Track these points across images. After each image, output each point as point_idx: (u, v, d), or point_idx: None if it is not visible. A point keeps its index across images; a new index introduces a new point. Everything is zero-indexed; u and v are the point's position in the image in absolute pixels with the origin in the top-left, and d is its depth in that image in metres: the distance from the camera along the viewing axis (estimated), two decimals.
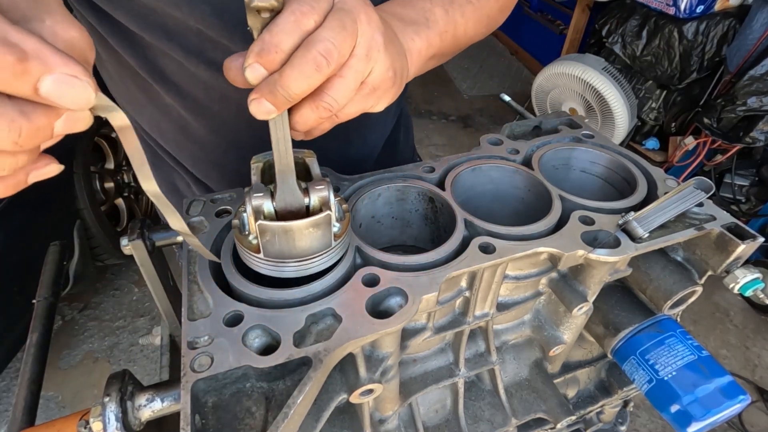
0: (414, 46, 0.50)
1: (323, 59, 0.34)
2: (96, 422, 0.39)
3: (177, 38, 0.54)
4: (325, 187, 0.40)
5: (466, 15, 0.58)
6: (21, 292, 1.55)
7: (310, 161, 0.43)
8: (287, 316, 0.39)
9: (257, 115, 0.35)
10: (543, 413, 0.59)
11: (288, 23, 0.33)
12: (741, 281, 0.52)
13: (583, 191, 0.58)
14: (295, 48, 0.34)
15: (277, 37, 0.33)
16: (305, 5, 0.33)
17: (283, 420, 0.34)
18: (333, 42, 0.34)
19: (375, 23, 0.38)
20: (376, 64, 0.39)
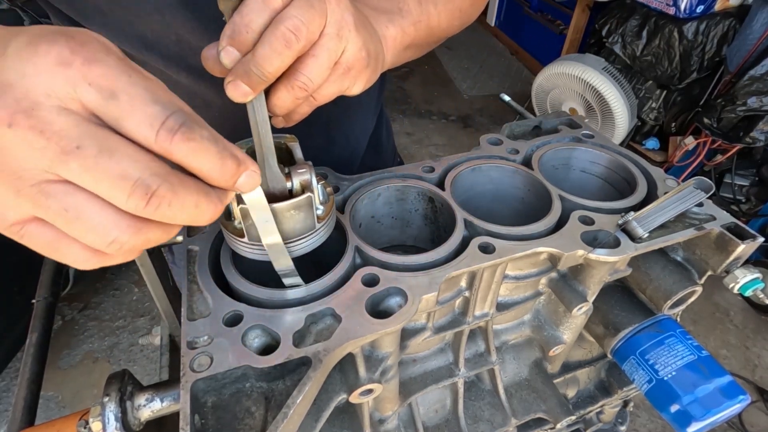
0: (389, 33, 0.51)
1: (292, 35, 0.34)
2: (95, 422, 0.39)
3: (156, 47, 0.53)
4: (306, 170, 0.40)
5: (439, 7, 0.59)
6: (21, 292, 1.55)
7: (292, 146, 0.43)
8: (287, 316, 0.39)
9: (234, 98, 0.35)
10: (543, 413, 0.59)
11: (256, 3, 0.33)
12: (741, 281, 0.52)
13: (583, 191, 0.58)
14: (265, 27, 0.34)
15: (247, 17, 0.33)
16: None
17: (282, 420, 0.34)
18: (300, 18, 0.34)
19: (344, 4, 0.39)
20: (348, 44, 0.40)
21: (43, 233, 0.27)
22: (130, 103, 0.26)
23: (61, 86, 0.25)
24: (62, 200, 0.26)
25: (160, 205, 0.27)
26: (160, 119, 0.26)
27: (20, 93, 0.25)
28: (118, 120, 0.26)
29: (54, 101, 0.25)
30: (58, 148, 0.25)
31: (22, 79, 0.25)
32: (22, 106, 0.24)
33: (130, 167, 0.26)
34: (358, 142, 0.78)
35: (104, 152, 0.25)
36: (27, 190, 0.26)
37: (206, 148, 0.28)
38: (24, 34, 0.26)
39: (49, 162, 0.25)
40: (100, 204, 0.26)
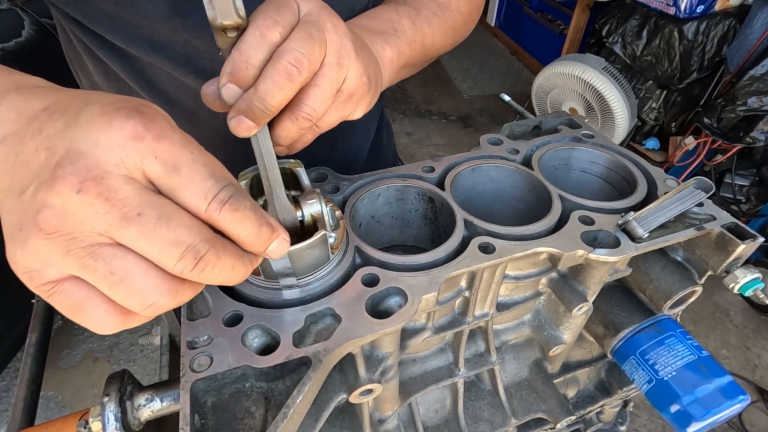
0: (385, 54, 0.51)
1: (294, 68, 0.35)
2: (95, 422, 0.39)
3: (164, 50, 0.54)
4: (316, 200, 0.40)
5: (433, 26, 0.59)
6: (20, 291, 1.55)
7: (298, 171, 0.44)
8: (287, 316, 0.39)
9: (238, 133, 0.35)
10: (543, 413, 0.59)
11: (254, 38, 0.34)
12: (741, 281, 0.52)
13: (583, 191, 0.58)
14: (265, 62, 0.35)
15: (246, 53, 0.34)
16: (268, 19, 0.34)
17: (282, 420, 0.34)
18: (301, 51, 0.35)
19: (342, 31, 0.39)
20: (349, 71, 0.40)
21: (74, 293, 0.29)
22: (189, 176, 0.28)
23: (131, 158, 0.27)
24: (110, 263, 0.27)
25: (204, 268, 0.29)
26: (213, 192, 0.29)
27: (92, 162, 0.26)
28: (176, 190, 0.28)
29: (122, 170, 0.27)
30: (120, 214, 0.27)
31: (95, 148, 0.27)
32: (92, 174, 0.26)
33: (184, 234, 0.28)
34: (360, 149, 0.78)
35: (162, 219, 0.27)
36: (77, 251, 0.27)
37: (248, 217, 0.30)
38: (95, 104, 0.28)
39: (107, 226, 0.27)
40: (145, 267, 0.28)
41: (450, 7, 0.62)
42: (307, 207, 0.40)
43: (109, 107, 0.28)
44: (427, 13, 0.59)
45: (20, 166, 0.28)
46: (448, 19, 0.62)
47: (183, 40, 0.53)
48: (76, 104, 0.28)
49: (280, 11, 0.35)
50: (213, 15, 0.32)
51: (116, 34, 0.52)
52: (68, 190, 0.26)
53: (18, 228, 0.27)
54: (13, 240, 0.27)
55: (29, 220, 0.26)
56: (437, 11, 0.60)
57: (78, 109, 0.28)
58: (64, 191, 0.26)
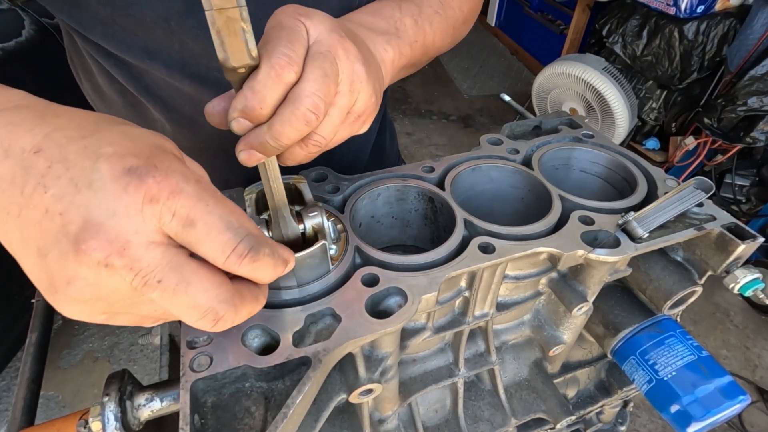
0: (387, 56, 0.51)
1: (312, 114, 0.34)
2: (95, 422, 0.39)
3: (158, 56, 0.53)
4: (317, 213, 0.41)
5: (434, 25, 0.59)
6: (20, 291, 1.55)
7: (301, 186, 0.44)
8: (286, 316, 0.39)
9: (247, 164, 0.36)
10: (543, 413, 0.59)
11: (269, 79, 0.33)
12: (741, 281, 0.52)
13: (583, 191, 0.58)
14: (279, 101, 0.34)
15: (260, 93, 0.33)
16: (282, 57, 0.33)
17: (282, 420, 0.34)
18: (319, 95, 0.34)
19: (353, 55, 0.38)
20: (360, 94, 0.40)
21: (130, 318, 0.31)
22: (205, 231, 0.28)
23: (149, 221, 0.27)
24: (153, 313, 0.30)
25: (224, 324, 0.31)
26: (231, 246, 0.29)
27: (112, 233, 0.26)
28: (193, 245, 0.29)
29: (142, 237, 0.27)
30: (143, 281, 0.27)
31: (113, 218, 0.26)
32: (115, 247, 0.26)
33: (202, 298, 0.29)
34: (360, 150, 0.78)
35: (181, 285, 0.28)
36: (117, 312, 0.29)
37: (266, 264, 0.31)
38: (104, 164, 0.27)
39: (134, 292, 0.28)
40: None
41: (452, 5, 0.62)
42: (309, 220, 0.41)
43: (120, 168, 0.27)
44: (429, 11, 0.58)
45: (29, 223, 0.27)
46: (449, 17, 0.61)
47: (178, 44, 0.53)
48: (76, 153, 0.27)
49: (293, 44, 0.34)
50: (224, 57, 0.32)
51: (111, 41, 0.52)
52: (96, 264, 0.26)
53: (52, 290, 0.28)
54: (51, 297, 0.28)
55: (62, 288, 0.27)
56: (439, 9, 0.60)
57: (83, 166, 0.27)
58: (92, 265, 0.26)
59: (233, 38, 0.31)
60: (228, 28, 0.30)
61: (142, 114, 0.62)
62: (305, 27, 0.36)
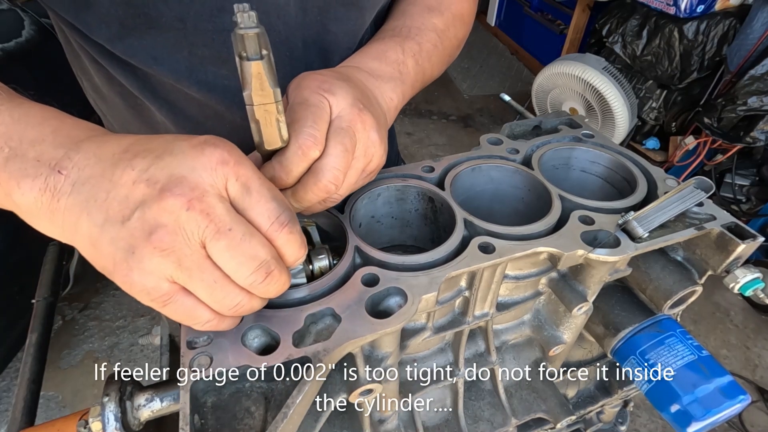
0: (392, 104, 0.54)
1: (333, 185, 0.40)
2: (95, 422, 0.39)
3: (166, 61, 0.53)
4: (325, 256, 0.45)
5: (433, 60, 0.61)
6: (21, 292, 1.55)
7: (311, 229, 0.47)
8: (286, 316, 0.39)
9: None
10: (543, 413, 0.59)
11: (296, 156, 0.39)
12: (741, 281, 0.52)
13: (583, 191, 0.58)
14: (303, 173, 0.40)
15: (287, 168, 0.39)
16: (309, 139, 0.38)
17: (282, 420, 0.34)
18: (338, 168, 0.40)
19: (370, 125, 0.43)
20: (374, 157, 0.45)
21: (185, 302, 0.33)
22: (258, 198, 0.34)
23: (220, 179, 0.32)
24: (213, 273, 0.32)
25: (270, 282, 0.34)
26: (276, 214, 0.34)
27: (193, 183, 0.31)
28: (246, 209, 0.33)
29: (216, 190, 0.32)
30: (215, 228, 0.31)
31: (193, 172, 0.32)
32: (195, 194, 0.31)
33: (261, 251, 0.33)
34: None
35: (246, 236, 0.32)
36: (189, 264, 0.32)
37: (297, 240, 0.36)
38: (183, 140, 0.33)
39: (205, 239, 0.31)
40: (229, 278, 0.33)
41: (448, 35, 0.64)
42: (317, 262, 0.44)
43: (196, 141, 0.33)
44: (428, 47, 0.60)
45: (115, 200, 0.31)
46: (446, 47, 0.64)
47: (188, 50, 0.52)
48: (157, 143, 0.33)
49: (317, 124, 0.39)
50: (259, 142, 0.37)
51: (117, 44, 0.51)
52: (179, 207, 0.30)
53: (130, 252, 0.31)
54: (127, 263, 0.31)
55: (142, 242, 0.30)
56: (437, 42, 0.62)
57: (164, 147, 0.33)
58: (175, 209, 0.30)
59: (269, 128, 0.36)
60: (266, 119, 0.36)
61: (144, 116, 0.62)
62: (329, 103, 0.41)
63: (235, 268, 0.32)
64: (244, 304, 0.34)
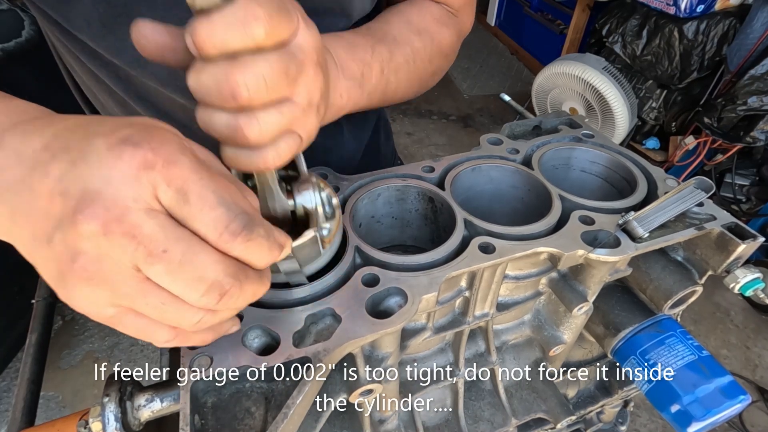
0: (340, 102, 0.50)
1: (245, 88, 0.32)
2: (95, 422, 0.39)
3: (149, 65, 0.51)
4: (310, 191, 0.38)
5: (400, 75, 0.58)
6: (21, 292, 1.55)
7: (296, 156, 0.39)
8: (287, 316, 0.39)
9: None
10: (543, 413, 0.59)
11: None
12: (741, 281, 0.52)
13: (583, 191, 0.58)
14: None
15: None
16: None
17: (282, 420, 0.34)
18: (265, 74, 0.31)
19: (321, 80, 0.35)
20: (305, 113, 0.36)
21: (136, 322, 0.30)
22: (199, 205, 0.27)
23: (145, 189, 0.26)
24: (158, 296, 0.28)
25: (228, 301, 0.29)
26: (224, 223, 0.28)
27: (109, 200, 0.26)
28: (187, 220, 0.28)
29: (141, 204, 0.26)
30: (147, 251, 0.26)
31: (109, 186, 0.26)
32: (113, 213, 0.25)
33: (209, 270, 0.28)
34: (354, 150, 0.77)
35: (187, 256, 0.27)
36: (124, 293, 0.27)
37: (260, 245, 0.30)
38: (99, 137, 0.27)
39: (136, 263, 0.26)
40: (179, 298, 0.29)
41: (422, 56, 0.61)
42: (300, 197, 0.38)
43: (114, 138, 0.26)
44: (399, 60, 0.57)
45: (37, 214, 0.27)
46: (418, 69, 0.60)
47: None
48: (77, 138, 0.27)
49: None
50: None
51: (100, 42, 0.50)
52: (95, 233, 0.25)
53: (60, 277, 0.27)
54: (60, 288, 0.27)
55: (67, 269, 0.26)
56: (410, 59, 0.58)
57: (81, 146, 0.27)
58: (91, 235, 0.25)
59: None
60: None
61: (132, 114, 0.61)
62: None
63: (182, 292, 0.28)
64: (208, 320, 0.30)
